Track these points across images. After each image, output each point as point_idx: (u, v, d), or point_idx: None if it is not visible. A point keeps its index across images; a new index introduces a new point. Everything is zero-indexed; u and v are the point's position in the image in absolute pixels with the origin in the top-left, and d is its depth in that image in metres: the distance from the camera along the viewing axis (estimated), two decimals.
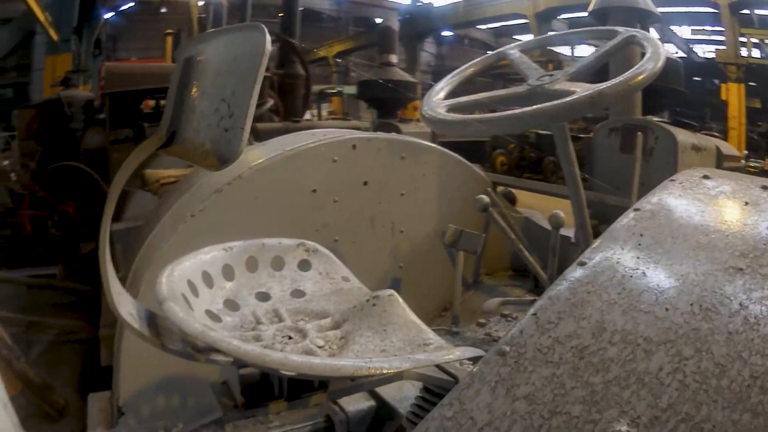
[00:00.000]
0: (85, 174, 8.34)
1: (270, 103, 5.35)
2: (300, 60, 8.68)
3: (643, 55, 1.73)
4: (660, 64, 1.60)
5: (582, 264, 1.10)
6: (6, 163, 12.03)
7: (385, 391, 2.01)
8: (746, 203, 1.30)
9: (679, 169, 3.64)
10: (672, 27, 40.82)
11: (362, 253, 3.30)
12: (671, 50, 45.66)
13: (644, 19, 4.44)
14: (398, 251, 3.43)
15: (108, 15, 23.92)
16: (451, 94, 2.08)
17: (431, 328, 3.31)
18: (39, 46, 16.69)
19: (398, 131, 5.92)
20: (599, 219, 3.72)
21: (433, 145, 3.62)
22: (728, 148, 5.11)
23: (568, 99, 1.55)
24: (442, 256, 3.44)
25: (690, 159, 3.91)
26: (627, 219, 1.23)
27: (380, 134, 3.42)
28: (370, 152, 3.29)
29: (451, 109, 1.89)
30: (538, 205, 4.18)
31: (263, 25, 1.26)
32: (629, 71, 1.60)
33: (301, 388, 1.60)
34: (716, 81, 22.83)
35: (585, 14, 5.05)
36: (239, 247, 1.90)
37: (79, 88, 12.56)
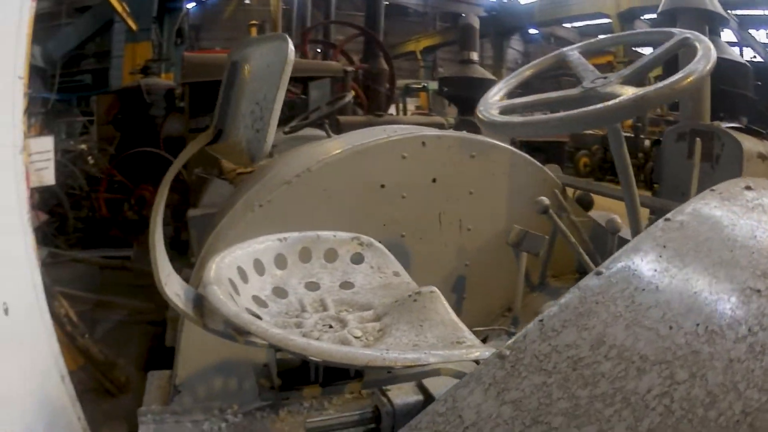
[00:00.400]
0: (164, 160, 8.58)
1: (348, 97, 5.41)
2: (384, 54, 8.73)
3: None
4: (708, 67, 1.55)
5: (599, 273, 1.07)
6: (84, 147, 12.52)
7: (434, 387, 2.04)
8: None
9: (744, 177, 3.53)
10: (750, 30, 39.20)
11: (429, 249, 3.32)
12: (749, 54, 43.73)
13: (712, 21, 4.33)
14: (465, 249, 3.43)
15: (190, 5, 24.44)
16: (510, 96, 2.07)
17: (493, 327, 3.34)
18: (118, 34, 16.97)
19: (478, 128, 5.85)
20: None
21: (504, 144, 3.59)
22: None
23: (611, 103, 1.53)
24: (508, 256, 3.42)
25: (755, 167, 3.81)
26: (654, 229, 1.19)
27: (451, 132, 3.44)
28: (440, 150, 3.30)
29: (504, 110, 1.87)
30: (620, 209, 4.09)
31: (288, 36, 1.33)
32: (675, 75, 1.55)
33: (337, 375, 1.64)
34: None
35: None
36: (294, 238, 1.96)
37: (160, 76, 12.97)
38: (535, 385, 0.92)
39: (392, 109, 10.56)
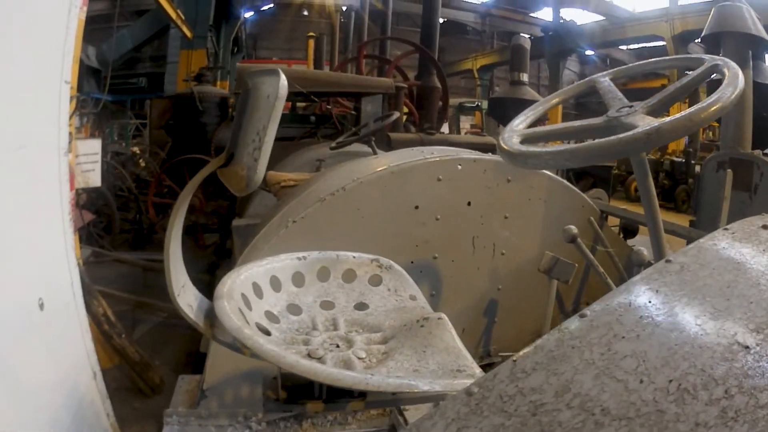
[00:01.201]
0: None
1: (395, 115, 5.43)
2: (437, 72, 8.72)
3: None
4: (733, 97, 1.48)
5: (582, 316, 1.02)
6: (136, 149, 12.74)
7: None
8: None
9: None
10: None
11: (461, 271, 3.33)
12: None
13: (756, 45, 4.20)
14: (498, 273, 3.41)
15: (247, 14, 24.71)
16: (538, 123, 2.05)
17: (522, 352, 3.31)
18: (174, 40, 17.16)
19: None
20: None
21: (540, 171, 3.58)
22: None
23: (623, 136, 1.49)
24: (541, 281, 3.39)
25: None
26: (652, 271, 1.12)
27: (488, 156, 3.42)
28: (476, 173, 3.31)
29: (526, 139, 1.84)
30: (669, 239, 4.00)
31: (281, 71, 1.37)
32: (695, 106, 1.50)
33: (341, 393, 1.66)
34: None
35: None
36: (313, 257, 1.99)
37: (215, 84, 13.16)
38: (494, 426, 0.88)
39: (445, 128, 10.50)
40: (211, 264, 7.28)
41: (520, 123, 1.99)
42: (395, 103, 7.97)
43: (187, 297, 1.71)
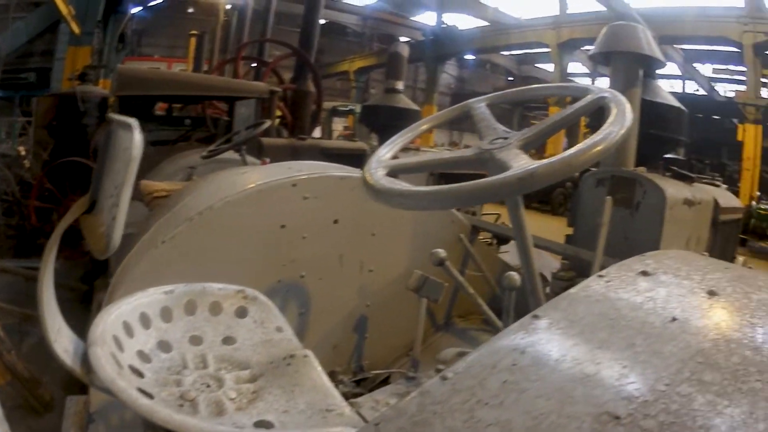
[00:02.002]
0: (91, 171, 8.26)
1: (265, 124, 5.40)
2: (314, 76, 8.73)
3: None
4: (615, 140, 1.43)
5: (444, 378, 0.98)
6: (22, 150, 12.12)
7: None
8: (673, 319, 1.05)
9: (666, 225, 3.47)
10: (695, 65, 40.82)
11: (329, 289, 3.34)
12: (693, 87, 45.33)
13: (648, 65, 4.23)
14: (366, 290, 3.44)
15: (135, 9, 23.93)
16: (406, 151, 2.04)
17: (394, 368, 3.35)
18: (63, 35, 16.57)
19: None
20: (577, 272, 3.69)
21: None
22: (729, 198, 5.00)
23: (494, 180, 1.42)
24: (412, 297, 3.42)
25: (681, 213, 3.82)
26: (518, 328, 1.07)
27: (354, 172, 3.43)
28: (343, 191, 3.33)
29: (392, 171, 1.78)
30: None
31: (137, 124, 1.33)
32: (573, 149, 1.43)
33: None
34: (735, 120, 22.66)
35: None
36: (180, 290, 1.96)
37: (98, 83, 12.67)
38: None
39: (318, 132, 10.48)
40: (87, 272, 6.97)
41: (386, 152, 1.94)
42: (269, 107, 7.90)
43: (62, 342, 1.66)
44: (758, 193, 20.79)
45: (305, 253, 3.25)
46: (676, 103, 4.68)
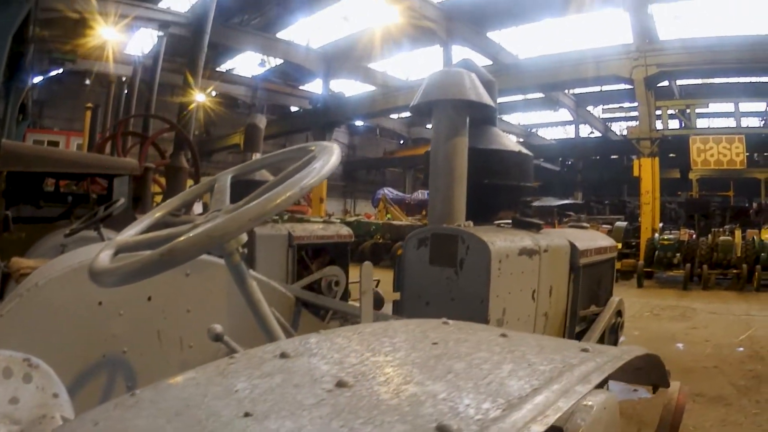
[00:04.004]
0: None
1: (121, 201, 5.37)
2: (190, 150, 8.71)
3: None
4: (256, 214, 1.49)
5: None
6: None
7: None
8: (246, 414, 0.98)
9: (496, 280, 3.37)
10: (589, 107, 42.63)
11: (151, 364, 3.29)
12: (586, 131, 47.05)
13: (480, 111, 3.92)
14: (188, 365, 3.34)
15: (36, 79, 23.45)
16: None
17: None
18: None
19: (252, 233, 5.94)
20: None
21: (220, 261, 3.60)
22: (596, 239, 4.87)
23: (131, 261, 1.51)
24: None
25: (517, 265, 3.63)
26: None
27: None
28: None
29: (123, 249, 1.89)
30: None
31: None
32: (211, 222, 1.51)
33: None
34: (633, 157, 23.39)
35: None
36: None
37: None
38: None
39: (198, 206, 10.38)
40: None
41: (137, 231, 2.08)
42: (144, 182, 7.86)
43: None
44: (661, 224, 21.40)
45: (124, 329, 3.21)
46: (518, 148, 4.59)
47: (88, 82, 31.20)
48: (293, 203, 1.63)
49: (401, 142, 52.99)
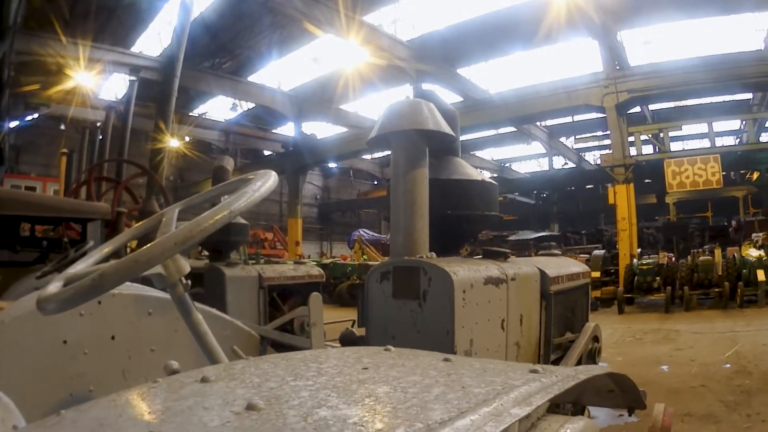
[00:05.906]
0: None
1: (91, 244, 5.35)
2: (164, 196, 8.74)
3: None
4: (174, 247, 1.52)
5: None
6: None
7: None
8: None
9: (460, 310, 3.29)
10: (562, 139, 42.99)
11: None
12: (560, 162, 47.29)
13: (441, 141, 3.85)
14: None
15: (13, 124, 23.36)
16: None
17: None
18: None
19: (222, 275, 5.97)
20: None
21: None
22: (569, 266, 4.71)
23: (77, 284, 1.54)
24: None
25: (483, 294, 3.53)
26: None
27: (128, 288, 3.36)
28: (115, 308, 3.27)
29: (70, 280, 1.87)
30: None
31: None
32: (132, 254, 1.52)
33: None
34: (608, 185, 23.39)
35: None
36: None
37: None
38: None
39: None
40: None
41: (90, 264, 2.09)
42: (117, 226, 7.86)
43: None
44: (639, 250, 21.44)
45: (89, 368, 3.15)
46: (481, 177, 4.45)
47: (63, 127, 31.17)
48: (223, 225, 1.66)
49: (375, 182, 53.45)
